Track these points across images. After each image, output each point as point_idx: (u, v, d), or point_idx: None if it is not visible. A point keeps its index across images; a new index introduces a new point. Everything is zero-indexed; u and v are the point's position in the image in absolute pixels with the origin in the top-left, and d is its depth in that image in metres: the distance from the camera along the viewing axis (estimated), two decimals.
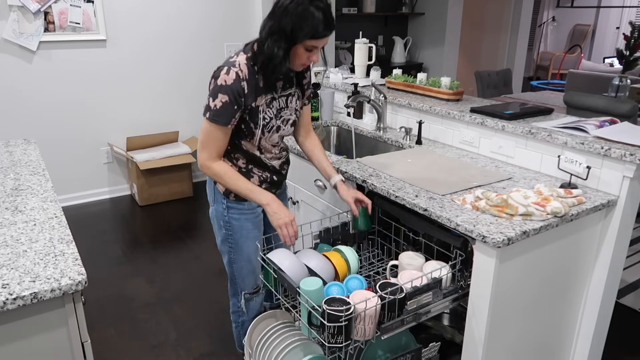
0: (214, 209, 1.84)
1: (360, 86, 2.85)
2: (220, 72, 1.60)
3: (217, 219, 1.84)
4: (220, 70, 1.61)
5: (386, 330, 1.42)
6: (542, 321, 1.73)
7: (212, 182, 1.81)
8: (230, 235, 1.83)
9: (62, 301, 1.17)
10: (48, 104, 3.73)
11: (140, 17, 3.89)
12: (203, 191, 4.24)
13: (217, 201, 1.82)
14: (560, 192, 1.64)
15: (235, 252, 1.87)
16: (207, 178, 1.85)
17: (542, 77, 8.89)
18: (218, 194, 1.80)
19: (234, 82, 1.59)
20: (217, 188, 1.80)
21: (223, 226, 1.83)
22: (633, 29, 3.69)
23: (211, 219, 1.88)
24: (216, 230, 1.88)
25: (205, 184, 4.04)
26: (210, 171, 1.70)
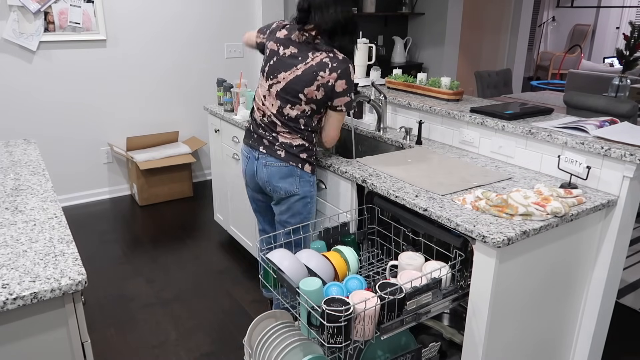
0: (303, 190, 1.99)
1: (360, 86, 2.85)
2: (349, 70, 1.85)
3: (305, 199, 2.01)
4: (348, 69, 1.85)
5: (386, 330, 1.42)
6: (542, 321, 1.74)
7: (297, 169, 1.96)
8: (313, 207, 2.06)
9: (62, 301, 1.17)
10: (48, 104, 3.73)
11: (140, 17, 3.89)
12: (203, 191, 4.24)
13: (305, 183, 1.99)
14: (560, 192, 1.64)
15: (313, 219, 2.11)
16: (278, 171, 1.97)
17: (542, 77, 8.89)
18: (306, 175, 1.98)
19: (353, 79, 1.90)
20: (305, 170, 1.97)
21: (310, 202, 2.04)
22: (633, 29, 3.69)
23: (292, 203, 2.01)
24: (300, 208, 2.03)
25: (204, 184, 4.04)
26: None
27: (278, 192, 2.00)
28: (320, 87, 1.84)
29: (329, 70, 1.82)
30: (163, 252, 3.21)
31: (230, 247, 3.28)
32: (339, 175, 2.06)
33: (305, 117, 1.91)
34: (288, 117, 1.92)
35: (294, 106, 1.90)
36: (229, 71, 4.37)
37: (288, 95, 1.89)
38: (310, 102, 1.88)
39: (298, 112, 1.90)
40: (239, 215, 3.05)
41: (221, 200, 3.25)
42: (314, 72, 1.83)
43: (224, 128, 2.99)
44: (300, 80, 1.85)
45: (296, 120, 1.92)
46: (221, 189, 3.22)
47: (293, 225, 2.05)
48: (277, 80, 1.91)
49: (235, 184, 3.01)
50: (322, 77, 1.83)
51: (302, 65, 1.85)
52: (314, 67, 1.83)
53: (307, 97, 1.86)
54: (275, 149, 1.97)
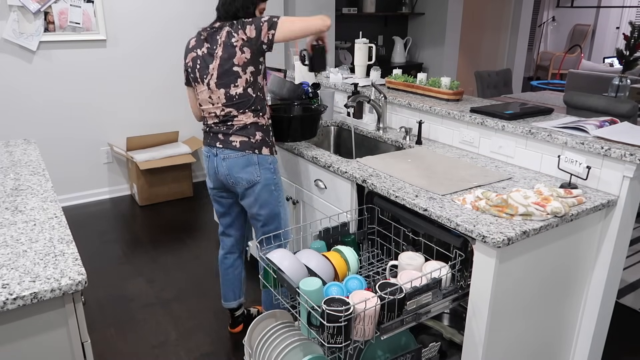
0: (263, 179, 2.01)
1: (360, 86, 2.85)
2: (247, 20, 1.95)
3: (268, 186, 2.03)
4: (245, 20, 1.93)
5: (386, 330, 1.42)
6: (542, 321, 1.74)
7: (255, 156, 1.97)
8: (279, 194, 2.08)
9: (62, 301, 1.17)
10: (48, 104, 3.73)
11: (140, 17, 3.89)
12: (203, 191, 4.24)
13: (265, 170, 2.01)
14: (560, 192, 1.64)
15: (284, 209, 2.12)
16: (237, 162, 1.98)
17: (542, 77, 8.89)
18: (264, 161, 2.00)
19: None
20: (263, 155, 1.98)
21: (274, 189, 2.06)
22: (633, 29, 3.69)
23: (256, 193, 2.03)
24: (266, 198, 2.05)
25: (204, 184, 4.03)
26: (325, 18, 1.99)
27: (240, 183, 2.02)
28: (242, 47, 1.90)
29: (235, 32, 1.90)
30: (163, 252, 3.21)
31: None
32: (339, 175, 2.06)
33: (251, 85, 1.95)
34: (237, 95, 1.95)
35: (236, 82, 1.93)
36: None
37: (225, 77, 1.94)
38: (246, 66, 1.92)
39: (243, 84, 1.94)
40: None
41: None
42: (228, 42, 1.90)
43: None
44: (224, 58, 1.92)
45: (245, 93, 1.95)
46: None
47: (265, 217, 2.09)
48: (209, 74, 1.96)
49: None
50: (236, 41, 1.90)
51: (218, 47, 1.93)
52: (226, 40, 1.91)
53: (241, 65, 1.91)
54: (230, 140, 1.99)
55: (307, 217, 2.36)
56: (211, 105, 2.00)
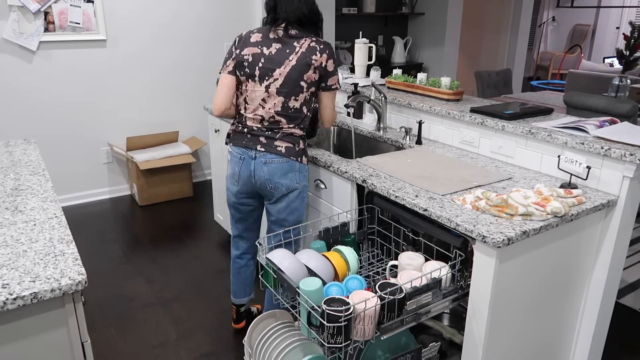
0: (301, 187, 2.03)
1: (360, 86, 2.85)
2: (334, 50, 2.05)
3: (302, 194, 2.05)
4: (332, 49, 1.97)
5: (386, 330, 1.42)
6: (542, 321, 1.74)
7: (296, 163, 1.99)
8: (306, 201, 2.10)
9: (62, 301, 1.17)
10: (48, 104, 3.73)
11: (140, 17, 3.89)
12: (203, 191, 4.24)
13: (303, 177, 2.03)
14: (560, 192, 1.64)
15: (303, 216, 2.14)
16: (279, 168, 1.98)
17: (542, 77, 8.89)
18: (303, 170, 2.02)
19: None
20: (302, 163, 2.01)
21: (305, 197, 2.08)
22: (633, 29, 3.69)
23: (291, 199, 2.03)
24: (297, 206, 2.06)
25: (204, 184, 4.04)
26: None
27: (279, 189, 2.00)
28: (316, 69, 1.92)
29: (319, 52, 1.92)
30: (163, 252, 3.21)
31: (230, 247, 3.28)
32: (339, 175, 2.06)
33: (306, 103, 1.98)
34: (294, 109, 1.95)
35: (298, 96, 1.94)
36: None
37: (289, 87, 1.92)
38: (310, 86, 1.95)
39: (302, 100, 1.95)
40: None
41: (221, 200, 3.25)
42: (307, 57, 1.90)
43: (224, 128, 2.99)
44: (296, 69, 1.91)
45: (300, 109, 1.97)
46: (221, 189, 3.22)
47: (290, 223, 2.07)
48: (273, 77, 1.92)
49: None
50: (315, 60, 1.91)
51: (294, 55, 1.91)
52: (306, 53, 1.91)
53: (307, 82, 1.93)
54: (275, 145, 1.96)
55: (307, 217, 2.36)
56: (261, 108, 1.96)
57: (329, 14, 4.73)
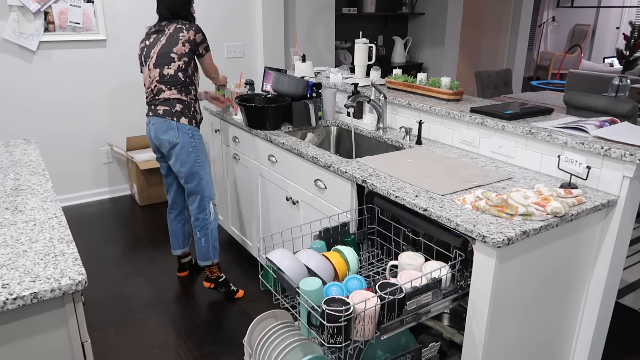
0: (181, 142, 2.43)
1: (360, 86, 2.85)
2: (199, 27, 2.47)
3: (185, 148, 2.45)
4: (198, 26, 2.46)
5: (386, 330, 1.42)
6: (542, 321, 1.74)
7: (173, 122, 2.42)
8: (198, 156, 2.49)
9: (62, 301, 1.17)
10: (48, 104, 3.73)
11: (140, 17, 3.89)
12: None
13: (183, 134, 2.43)
14: (560, 192, 1.64)
15: (203, 170, 2.52)
16: (160, 126, 2.44)
17: (542, 77, 8.89)
18: (182, 127, 2.43)
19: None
20: (181, 123, 2.43)
21: (192, 151, 2.46)
22: (633, 29, 3.69)
23: (177, 153, 2.45)
24: (184, 158, 2.45)
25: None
26: (218, 72, 2.73)
27: (164, 144, 2.47)
28: (185, 42, 2.40)
29: (186, 30, 2.41)
30: (163, 252, 3.21)
31: (230, 247, 3.28)
32: (338, 175, 2.06)
33: (181, 70, 2.43)
34: (168, 75, 2.42)
35: (170, 65, 2.41)
36: (229, 71, 4.37)
37: (162, 60, 2.41)
38: (182, 56, 2.41)
39: (174, 67, 2.42)
40: (239, 215, 3.05)
41: (221, 200, 3.25)
42: (174, 36, 2.41)
43: (224, 128, 2.99)
44: (166, 46, 2.41)
45: (175, 75, 2.42)
46: (221, 189, 3.22)
47: (185, 174, 2.49)
48: (150, 57, 2.45)
49: (235, 184, 3.01)
50: (183, 36, 2.40)
51: (163, 37, 2.43)
52: (173, 33, 2.41)
53: (178, 54, 2.40)
54: (157, 109, 2.45)
55: (307, 217, 2.36)
56: (149, 83, 2.48)
57: (329, 14, 4.73)
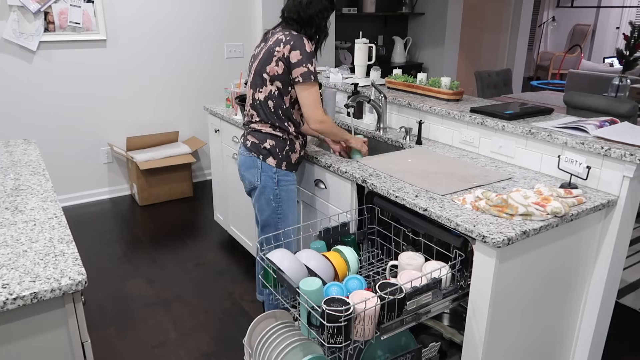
0: (262, 186, 2.03)
1: (360, 86, 2.85)
2: (304, 42, 1.87)
3: (266, 194, 2.04)
4: (301, 41, 1.87)
5: (386, 330, 1.42)
6: (542, 321, 1.74)
7: (259, 161, 2.00)
8: (280, 207, 2.06)
9: (62, 301, 1.17)
10: (48, 104, 3.73)
11: (140, 17, 3.89)
12: (203, 191, 4.24)
13: (266, 177, 2.01)
14: (560, 192, 1.64)
15: (283, 222, 2.10)
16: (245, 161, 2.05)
17: (542, 77, 8.89)
18: (267, 170, 2.00)
19: (313, 51, 1.91)
20: (267, 163, 1.99)
21: (273, 199, 2.05)
22: (633, 29, 3.69)
23: (256, 198, 2.07)
24: (263, 206, 2.07)
25: (204, 184, 4.04)
26: (327, 124, 1.98)
27: (244, 182, 2.11)
28: (278, 61, 1.89)
29: (283, 44, 1.88)
30: (163, 252, 3.21)
31: (230, 247, 3.28)
32: (339, 175, 2.06)
33: (273, 98, 1.95)
34: (259, 101, 1.98)
35: (262, 88, 1.95)
36: (229, 71, 4.37)
37: (256, 80, 1.97)
38: (274, 79, 1.92)
39: (265, 94, 1.95)
40: (238, 215, 3.05)
41: (221, 200, 3.25)
42: (271, 49, 1.91)
43: (224, 128, 2.99)
44: (261, 62, 1.94)
45: (265, 103, 1.96)
46: (221, 189, 3.22)
47: (263, 222, 2.12)
48: (250, 71, 2.04)
49: (235, 184, 3.01)
50: (278, 52, 1.89)
51: (264, 49, 1.96)
52: (271, 46, 1.92)
53: (270, 75, 1.91)
54: (247, 139, 2.06)
55: (307, 217, 2.36)
56: (248, 101, 2.09)
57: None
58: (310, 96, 1.91)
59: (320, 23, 1.95)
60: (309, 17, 1.92)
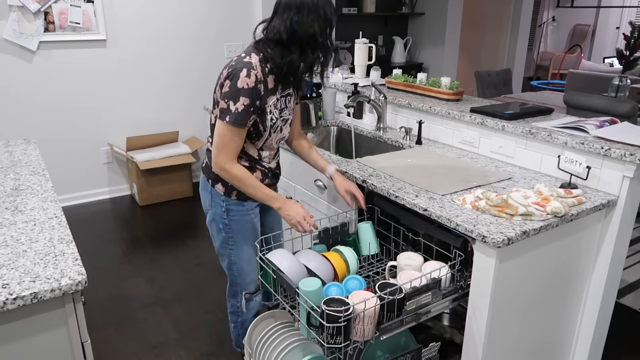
0: (212, 212, 1.82)
1: (360, 86, 2.85)
2: (240, 74, 1.56)
3: (216, 222, 1.82)
4: (239, 72, 1.56)
5: (385, 330, 1.42)
6: (542, 321, 1.74)
7: (209, 185, 1.79)
8: (231, 238, 1.83)
9: (62, 301, 1.17)
10: (48, 104, 3.73)
11: (140, 17, 3.89)
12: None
13: (215, 204, 1.80)
14: (560, 192, 1.64)
15: (236, 254, 1.86)
16: (201, 181, 1.85)
17: (542, 77, 8.89)
18: (216, 196, 1.78)
19: (254, 85, 1.58)
20: (216, 189, 1.77)
21: (223, 229, 1.82)
22: (633, 29, 3.69)
23: (208, 223, 1.87)
24: (214, 234, 1.86)
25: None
26: (229, 174, 1.66)
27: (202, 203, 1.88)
28: (219, 87, 1.64)
29: (227, 68, 1.61)
30: (163, 252, 3.21)
31: None
32: None
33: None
34: (210, 124, 1.74)
35: (213, 110, 1.70)
36: None
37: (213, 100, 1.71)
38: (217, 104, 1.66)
39: (213, 117, 1.70)
40: None
41: None
42: (222, 70, 1.65)
43: None
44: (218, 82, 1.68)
45: (213, 127, 1.70)
46: None
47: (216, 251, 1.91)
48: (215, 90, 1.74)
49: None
50: (222, 76, 1.63)
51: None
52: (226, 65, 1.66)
53: (214, 101, 1.69)
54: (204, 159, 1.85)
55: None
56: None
57: None
58: (219, 137, 1.64)
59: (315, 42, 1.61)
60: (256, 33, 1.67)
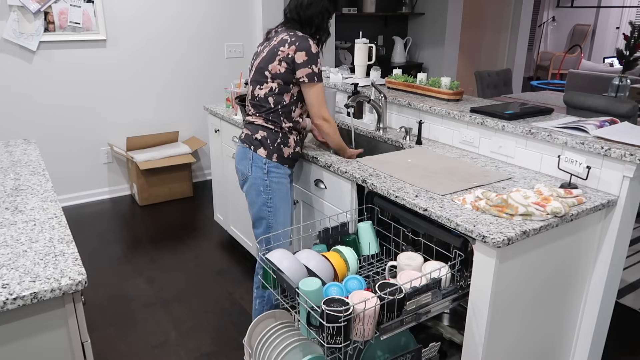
0: (252, 177, 2.03)
1: (360, 86, 2.85)
2: (309, 42, 1.92)
3: (256, 186, 2.03)
4: (306, 41, 1.91)
5: (385, 330, 1.42)
6: (542, 321, 1.74)
7: (250, 151, 2.02)
8: (270, 199, 2.04)
9: (62, 301, 1.17)
10: (48, 104, 3.73)
11: (140, 17, 3.89)
12: (203, 191, 4.24)
13: (257, 168, 2.01)
14: (560, 192, 1.64)
15: (274, 216, 2.06)
16: (239, 153, 2.07)
17: (542, 77, 8.89)
18: (258, 160, 2.00)
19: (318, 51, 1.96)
20: (257, 154, 2.00)
21: (263, 191, 2.03)
22: (633, 29, 3.69)
23: (246, 190, 2.07)
24: (253, 198, 2.05)
25: (204, 184, 4.04)
26: (330, 122, 2.04)
27: (238, 174, 2.11)
28: (281, 61, 1.93)
29: (288, 45, 1.92)
30: (163, 252, 3.21)
31: (230, 247, 3.28)
32: (339, 175, 2.06)
33: (273, 94, 1.98)
34: (258, 97, 2.02)
35: (262, 85, 1.99)
36: (229, 71, 4.37)
37: (258, 77, 2.01)
38: (276, 77, 1.96)
39: (266, 90, 1.99)
40: (238, 215, 3.05)
41: (221, 200, 3.25)
42: (275, 49, 1.95)
43: (224, 128, 2.99)
44: (264, 60, 1.98)
45: (265, 99, 2.00)
46: (221, 189, 3.22)
47: (253, 217, 2.10)
48: (251, 69, 2.06)
49: (235, 184, 3.01)
50: (282, 52, 1.93)
51: (268, 48, 1.99)
52: (276, 45, 1.95)
53: (272, 73, 1.96)
54: (242, 132, 2.10)
55: (307, 217, 2.36)
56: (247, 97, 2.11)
57: None
58: (314, 95, 1.98)
59: (320, 24, 2.01)
60: (308, 18, 1.98)
